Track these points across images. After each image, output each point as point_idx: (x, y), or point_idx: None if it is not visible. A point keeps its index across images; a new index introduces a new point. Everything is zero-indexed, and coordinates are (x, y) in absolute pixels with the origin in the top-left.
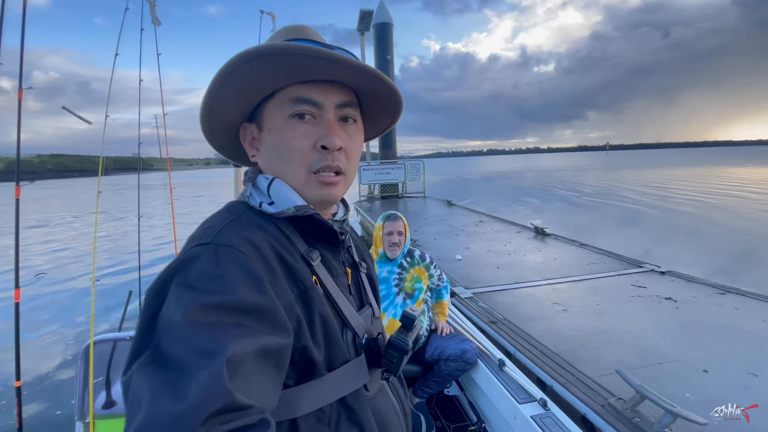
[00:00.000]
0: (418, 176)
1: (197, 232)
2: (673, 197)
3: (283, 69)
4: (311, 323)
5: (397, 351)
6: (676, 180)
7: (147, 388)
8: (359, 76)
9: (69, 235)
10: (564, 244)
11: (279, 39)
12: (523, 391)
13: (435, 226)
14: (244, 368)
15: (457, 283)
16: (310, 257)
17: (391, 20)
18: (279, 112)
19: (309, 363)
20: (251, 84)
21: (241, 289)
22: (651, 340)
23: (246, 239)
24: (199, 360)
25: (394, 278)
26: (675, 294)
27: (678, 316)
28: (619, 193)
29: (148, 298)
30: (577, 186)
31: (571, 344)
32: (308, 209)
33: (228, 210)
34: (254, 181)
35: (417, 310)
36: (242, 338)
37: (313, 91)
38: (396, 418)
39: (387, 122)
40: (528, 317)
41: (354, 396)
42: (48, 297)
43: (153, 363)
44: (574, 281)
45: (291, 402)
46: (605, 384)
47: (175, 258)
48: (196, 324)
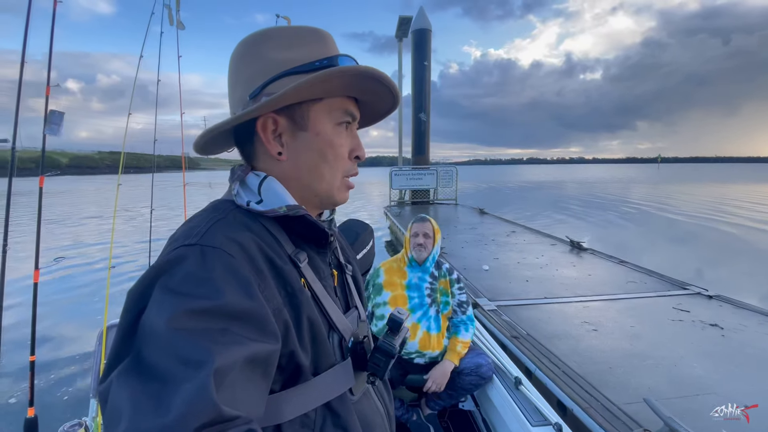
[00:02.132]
0: (450, 183)
1: (180, 231)
2: (730, 215)
3: (349, 84)
4: (299, 327)
5: (383, 355)
6: (735, 197)
7: (128, 400)
8: (387, 98)
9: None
10: (601, 260)
11: (316, 45)
12: (537, 413)
13: (464, 235)
14: (230, 378)
15: (481, 294)
16: (297, 259)
17: (430, 26)
18: (329, 118)
19: (296, 368)
20: (320, 89)
21: (229, 293)
22: (689, 369)
23: (233, 240)
24: (184, 370)
25: (426, 287)
26: (722, 320)
27: (723, 344)
28: (670, 209)
29: (130, 300)
30: (623, 199)
31: (598, 366)
32: (300, 209)
33: (213, 209)
34: (243, 179)
35: (404, 313)
36: (230, 346)
37: (352, 104)
38: (381, 421)
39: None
40: (553, 334)
41: (339, 400)
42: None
43: (134, 372)
44: (608, 300)
45: (276, 407)
46: (632, 413)
47: (159, 259)
48: (181, 331)
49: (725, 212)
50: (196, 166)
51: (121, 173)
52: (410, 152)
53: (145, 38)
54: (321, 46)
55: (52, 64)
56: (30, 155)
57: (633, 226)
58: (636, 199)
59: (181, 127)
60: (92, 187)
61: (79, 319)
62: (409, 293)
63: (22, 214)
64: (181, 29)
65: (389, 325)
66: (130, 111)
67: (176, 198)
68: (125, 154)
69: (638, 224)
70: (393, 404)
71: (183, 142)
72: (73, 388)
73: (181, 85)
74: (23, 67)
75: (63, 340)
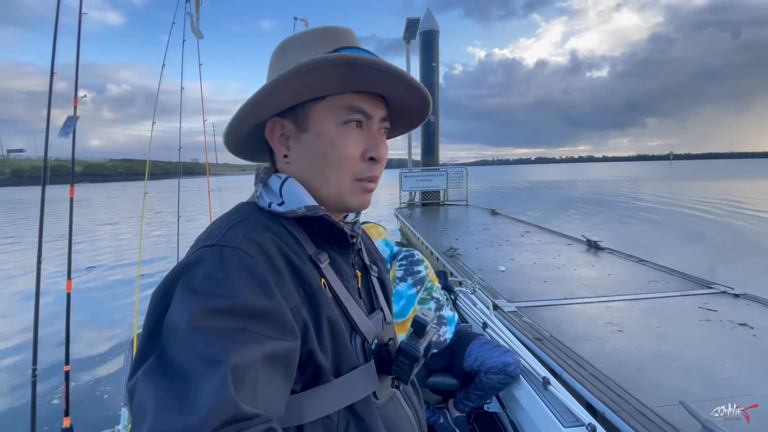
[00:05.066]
0: (460, 184)
1: (204, 233)
2: (751, 212)
3: (351, 77)
4: (318, 327)
5: (407, 358)
6: (753, 193)
7: (152, 397)
8: (409, 93)
9: (125, 232)
10: (620, 259)
11: (328, 43)
12: (569, 413)
13: (477, 236)
14: (250, 376)
15: (500, 296)
16: (318, 259)
17: (438, 28)
18: (331, 118)
19: (316, 368)
20: (317, 85)
21: (246, 292)
22: (721, 370)
23: (252, 240)
24: (204, 369)
25: None
26: (751, 320)
27: (754, 344)
28: (686, 205)
29: (154, 300)
30: (636, 197)
31: (626, 368)
32: (318, 210)
33: (236, 211)
34: (266, 182)
35: (429, 315)
36: (248, 345)
37: (365, 102)
38: (409, 427)
39: (399, 132)
40: (577, 336)
41: (363, 403)
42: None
43: (158, 370)
44: (631, 300)
45: (297, 408)
46: (666, 416)
47: (181, 260)
48: (201, 330)
49: (742, 208)
50: (205, 171)
51: (147, 180)
52: (419, 154)
53: (167, 46)
54: (333, 42)
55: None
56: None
57: (649, 224)
58: (649, 196)
59: (204, 133)
60: (106, 194)
61: (110, 327)
62: None
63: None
64: (200, 38)
65: (413, 327)
66: (154, 120)
67: (192, 203)
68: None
69: (654, 222)
70: (423, 410)
71: (206, 148)
72: (106, 397)
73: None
74: (53, 79)
75: (95, 350)
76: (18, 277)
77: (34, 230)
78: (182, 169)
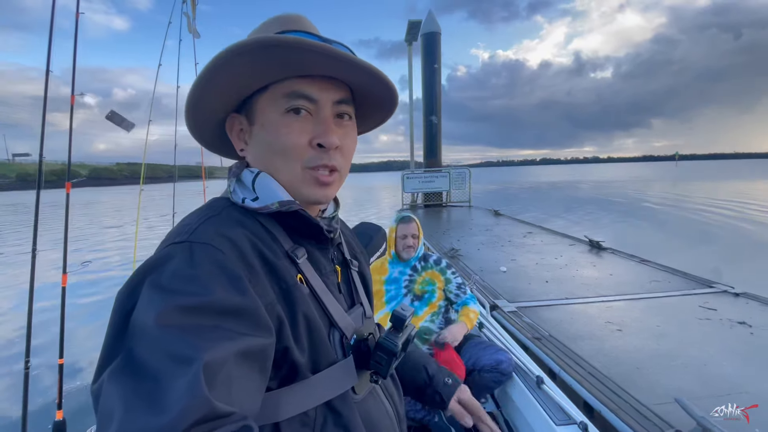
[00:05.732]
0: (463, 185)
1: (174, 230)
2: (753, 212)
3: (277, 62)
4: (294, 323)
5: (385, 353)
6: (756, 194)
7: (119, 400)
8: (356, 72)
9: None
10: (622, 259)
11: (271, 29)
12: (561, 412)
13: (479, 236)
14: (223, 373)
15: (501, 296)
16: (295, 254)
17: (440, 29)
18: (273, 107)
19: (291, 365)
20: (244, 76)
21: (218, 289)
22: (719, 368)
23: (223, 236)
24: (175, 367)
25: (405, 279)
26: (750, 318)
27: (752, 342)
28: (691, 206)
29: (119, 299)
30: (643, 198)
31: (624, 367)
32: (293, 204)
33: (208, 206)
34: (238, 176)
35: (408, 310)
36: (220, 342)
37: (309, 86)
38: (388, 421)
39: (379, 119)
40: (577, 335)
41: (341, 399)
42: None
43: (125, 371)
44: (631, 299)
45: (273, 405)
46: (662, 413)
47: (149, 257)
48: (170, 328)
49: (748, 209)
50: (210, 175)
51: (143, 182)
52: (422, 156)
53: (163, 46)
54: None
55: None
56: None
57: (653, 224)
58: (655, 197)
59: None
60: (110, 197)
61: (104, 322)
62: (386, 287)
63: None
64: (197, 38)
65: (392, 321)
66: (150, 118)
67: (192, 205)
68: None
69: (659, 222)
70: (404, 404)
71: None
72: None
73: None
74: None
75: (90, 343)
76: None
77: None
78: (187, 172)
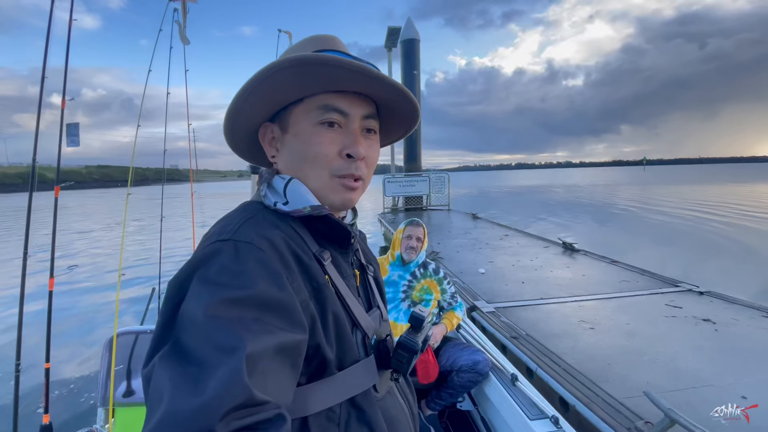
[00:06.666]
0: (442, 189)
1: (214, 229)
2: (717, 215)
3: (316, 78)
4: (324, 321)
5: (406, 351)
6: (718, 197)
7: (168, 382)
8: (386, 89)
9: (106, 236)
10: (594, 260)
11: (308, 48)
12: (534, 407)
13: (458, 239)
14: (262, 365)
15: (479, 297)
16: (321, 257)
17: (419, 36)
18: (307, 118)
19: (321, 361)
20: (284, 89)
21: (261, 284)
22: (685, 363)
23: (263, 236)
24: (219, 355)
25: (404, 284)
26: (714, 316)
27: (716, 339)
28: (659, 209)
29: (170, 291)
30: (612, 202)
31: (597, 363)
32: (323, 209)
33: (243, 209)
34: (270, 182)
35: (425, 311)
36: (261, 335)
37: (341, 101)
38: (405, 419)
39: (401, 133)
40: (552, 334)
41: (364, 396)
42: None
43: (174, 357)
44: (603, 299)
45: (302, 400)
46: (632, 406)
47: (195, 253)
48: (217, 319)
49: (712, 211)
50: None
51: (130, 185)
52: (402, 160)
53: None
54: (312, 48)
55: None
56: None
57: (622, 227)
58: (624, 200)
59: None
60: (81, 201)
61: (91, 326)
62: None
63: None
64: (187, 44)
65: (411, 322)
66: (139, 123)
67: (175, 211)
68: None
69: (627, 225)
70: (416, 403)
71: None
72: (86, 395)
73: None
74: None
75: (76, 348)
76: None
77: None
78: (167, 176)
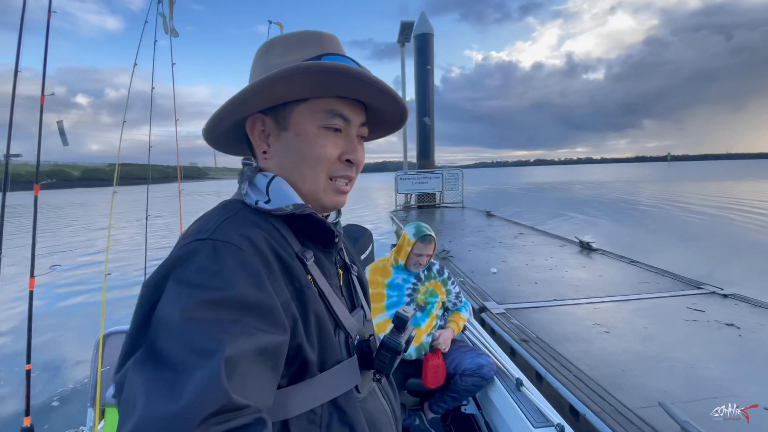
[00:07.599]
0: (456, 186)
1: (192, 228)
2: (744, 213)
3: (331, 84)
4: (306, 322)
5: (389, 351)
6: (747, 194)
7: (142, 388)
8: (385, 98)
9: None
10: (612, 260)
11: (311, 48)
12: (539, 414)
13: (471, 238)
14: (241, 368)
15: (490, 298)
16: (304, 256)
17: (432, 31)
18: (311, 119)
19: (302, 362)
20: (297, 88)
21: (240, 284)
22: (705, 371)
23: (243, 236)
24: (196, 359)
25: (408, 287)
26: (738, 320)
27: (740, 344)
28: (684, 207)
29: (144, 293)
30: (635, 199)
31: (611, 369)
32: (306, 208)
33: (223, 207)
34: (252, 180)
35: (409, 311)
36: (240, 337)
37: (346, 107)
38: (386, 419)
39: (383, 133)
40: (564, 337)
41: (345, 397)
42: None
43: (148, 361)
44: (620, 301)
45: (283, 402)
46: (647, 417)
47: (172, 253)
48: (194, 321)
49: (739, 210)
50: (204, 175)
51: (116, 183)
52: (415, 157)
53: (139, 47)
54: (317, 48)
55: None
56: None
57: (645, 225)
58: (647, 198)
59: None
60: (102, 198)
61: (76, 327)
62: (388, 291)
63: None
64: (175, 37)
65: (395, 322)
66: (124, 119)
67: (196, 208)
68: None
69: (651, 223)
70: (399, 405)
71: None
72: (70, 396)
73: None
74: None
75: (60, 349)
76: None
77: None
78: (174, 173)
